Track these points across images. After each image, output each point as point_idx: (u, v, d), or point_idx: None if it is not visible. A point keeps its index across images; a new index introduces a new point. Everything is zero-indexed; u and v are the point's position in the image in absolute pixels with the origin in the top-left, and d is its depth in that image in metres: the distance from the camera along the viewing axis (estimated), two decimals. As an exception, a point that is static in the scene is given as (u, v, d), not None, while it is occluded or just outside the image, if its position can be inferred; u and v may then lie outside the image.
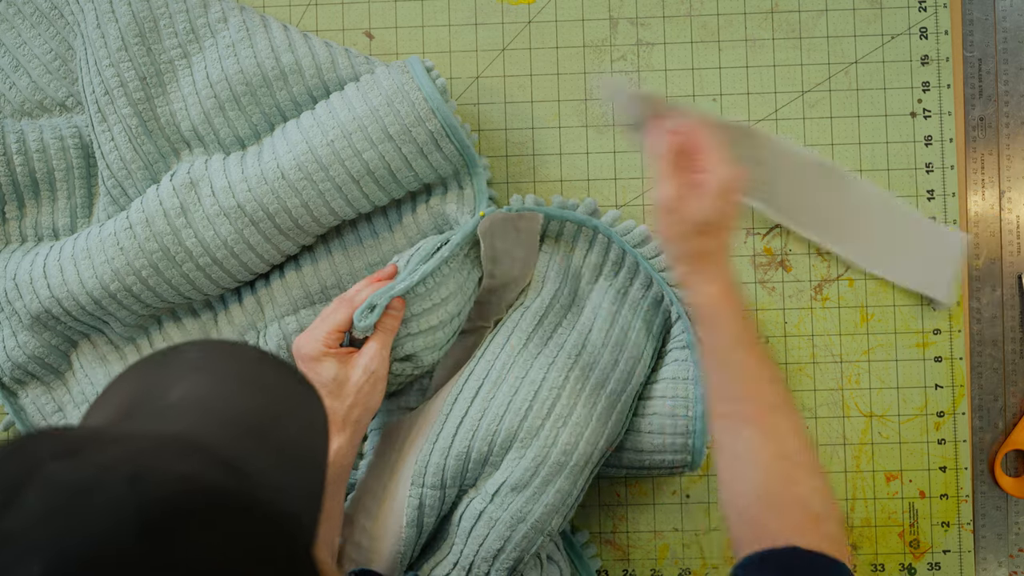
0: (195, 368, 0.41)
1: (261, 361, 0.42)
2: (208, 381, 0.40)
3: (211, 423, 0.36)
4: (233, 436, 0.36)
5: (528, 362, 0.68)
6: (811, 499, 0.53)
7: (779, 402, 0.56)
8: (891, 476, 0.76)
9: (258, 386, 0.40)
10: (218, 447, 0.35)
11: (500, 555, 0.66)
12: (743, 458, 0.55)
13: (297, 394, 0.40)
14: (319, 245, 0.74)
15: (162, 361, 0.42)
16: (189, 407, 0.38)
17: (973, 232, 0.77)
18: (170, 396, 0.39)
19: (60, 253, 0.71)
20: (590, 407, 0.68)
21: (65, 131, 0.75)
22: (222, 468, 0.33)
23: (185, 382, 0.40)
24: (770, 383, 0.56)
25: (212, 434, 0.36)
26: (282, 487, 0.35)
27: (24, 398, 0.77)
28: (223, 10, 0.71)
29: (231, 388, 0.39)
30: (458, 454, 0.68)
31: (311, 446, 0.38)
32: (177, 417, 0.37)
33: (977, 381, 0.77)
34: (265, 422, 0.38)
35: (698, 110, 0.70)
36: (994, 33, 0.77)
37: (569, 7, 0.77)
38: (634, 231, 0.71)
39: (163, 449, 0.33)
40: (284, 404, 0.40)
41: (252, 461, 0.35)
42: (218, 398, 0.38)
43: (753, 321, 0.58)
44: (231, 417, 0.37)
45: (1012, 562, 0.76)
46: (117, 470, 0.30)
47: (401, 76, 0.67)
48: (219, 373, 0.40)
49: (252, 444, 0.36)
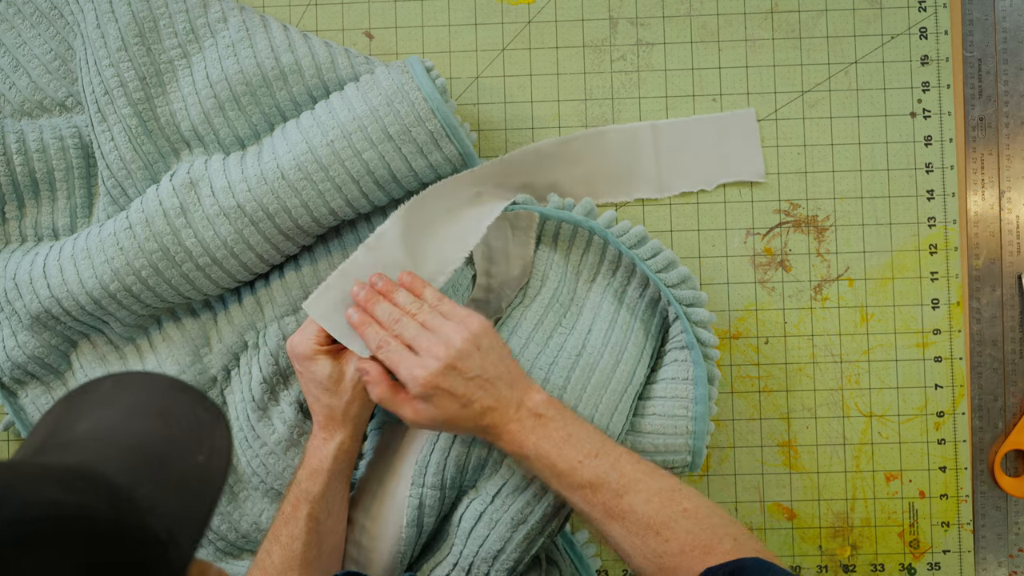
0: (104, 402, 0.43)
1: (170, 390, 0.44)
2: (114, 413, 0.42)
3: (109, 453, 0.38)
4: (129, 464, 0.38)
5: (529, 363, 0.68)
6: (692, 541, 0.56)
7: (615, 491, 0.59)
8: (891, 476, 0.76)
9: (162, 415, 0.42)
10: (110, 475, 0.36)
11: (500, 556, 0.66)
12: (623, 551, 0.59)
13: (201, 421, 0.42)
14: (319, 245, 0.74)
15: (76, 397, 0.44)
16: (92, 439, 0.40)
17: (973, 232, 0.77)
18: (76, 430, 0.41)
19: (60, 253, 0.71)
20: (591, 408, 0.68)
21: (65, 131, 0.75)
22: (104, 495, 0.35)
23: (94, 415, 0.42)
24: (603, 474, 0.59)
25: (107, 463, 0.37)
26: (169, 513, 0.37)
27: (24, 398, 0.77)
28: (223, 10, 0.71)
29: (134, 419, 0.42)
30: (458, 454, 0.68)
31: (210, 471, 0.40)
32: (79, 449, 0.39)
33: (977, 381, 0.77)
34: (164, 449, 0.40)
35: None
36: (994, 33, 0.77)
37: (569, 7, 0.77)
38: (630, 232, 0.71)
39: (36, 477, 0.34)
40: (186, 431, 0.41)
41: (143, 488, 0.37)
42: (120, 429, 0.41)
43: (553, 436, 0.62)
44: (130, 445, 0.39)
45: (1012, 562, 0.76)
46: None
47: (401, 76, 0.67)
48: (125, 405, 0.43)
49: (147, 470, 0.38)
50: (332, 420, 0.67)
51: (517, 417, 0.62)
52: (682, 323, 0.70)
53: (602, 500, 0.59)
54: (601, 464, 0.60)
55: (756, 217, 0.76)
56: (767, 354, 0.76)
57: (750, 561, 0.53)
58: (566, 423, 0.62)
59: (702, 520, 0.57)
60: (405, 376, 0.61)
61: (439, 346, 0.61)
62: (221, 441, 0.42)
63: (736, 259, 0.76)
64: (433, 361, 0.61)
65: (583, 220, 0.71)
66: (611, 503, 0.58)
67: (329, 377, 0.66)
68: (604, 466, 0.59)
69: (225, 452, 0.42)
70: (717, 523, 0.57)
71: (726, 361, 0.76)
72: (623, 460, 0.60)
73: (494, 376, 0.62)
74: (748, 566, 0.52)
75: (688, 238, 0.76)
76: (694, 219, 0.76)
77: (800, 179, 0.76)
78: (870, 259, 0.76)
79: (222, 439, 0.42)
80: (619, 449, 0.61)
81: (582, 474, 0.59)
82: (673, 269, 0.71)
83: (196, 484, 0.39)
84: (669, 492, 0.59)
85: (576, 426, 0.62)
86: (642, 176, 0.76)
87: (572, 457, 0.60)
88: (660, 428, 0.69)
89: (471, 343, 0.61)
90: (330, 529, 0.67)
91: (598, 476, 0.59)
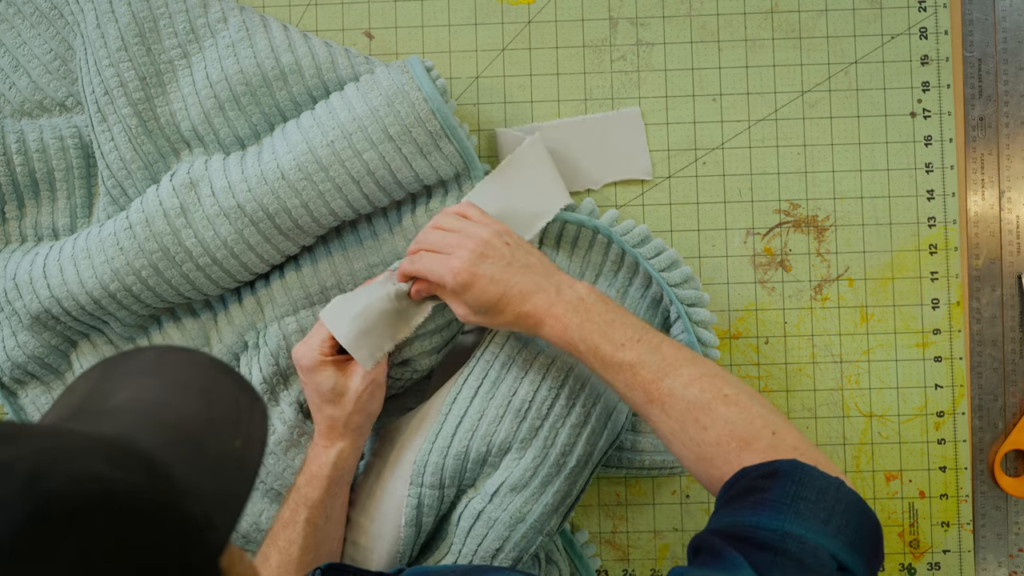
0: (145, 372, 0.42)
1: (212, 369, 0.43)
2: (155, 386, 0.41)
3: (148, 428, 0.37)
4: (168, 442, 0.37)
5: (528, 362, 0.68)
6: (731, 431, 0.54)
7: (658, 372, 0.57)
8: (891, 476, 0.76)
9: (203, 395, 0.41)
10: (148, 451, 0.35)
11: (499, 555, 0.66)
12: (664, 438, 0.58)
13: (240, 405, 0.41)
14: (319, 246, 0.74)
15: (117, 363, 0.43)
16: (131, 411, 0.39)
17: (973, 232, 0.77)
18: (115, 399, 0.40)
19: (60, 253, 0.71)
20: (589, 407, 0.68)
21: (65, 131, 0.75)
22: (143, 471, 0.34)
23: (133, 385, 0.41)
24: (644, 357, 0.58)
25: (146, 438, 0.36)
26: (206, 496, 0.36)
27: (24, 398, 0.77)
28: (223, 10, 0.71)
29: (176, 394, 0.41)
30: (457, 454, 0.68)
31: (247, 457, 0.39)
32: (118, 420, 0.38)
33: (977, 381, 0.77)
34: (204, 429, 0.39)
35: None
36: (994, 33, 0.77)
37: (569, 7, 0.77)
38: (633, 231, 0.71)
39: (82, 448, 0.33)
40: (225, 414, 0.40)
41: (181, 466, 0.36)
42: (161, 404, 0.39)
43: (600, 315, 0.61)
44: (170, 423, 0.38)
45: (1012, 562, 0.76)
46: (16, 467, 0.31)
47: (401, 76, 0.67)
48: (168, 379, 0.42)
49: (186, 450, 0.37)
50: (333, 430, 0.67)
51: (558, 301, 0.61)
52: (683, 322, 0.70)
53: (642, 383, 0.57)
54: (643, 348, 0.59)
55: (756, 217, 0.76)
56: (767, 354, 0.76)
57: (786, 464, 0.51)
58: (608, 308, 0.61)
59: (743, 408, 0.55)
60: (442, 273, 0.62)
61: (466, 239, 0.63)
62: (258, 428, 0.41)
63: (736, 259, 0.76)
64: (463, 251, 0.62)
65: (587, 220, 0.71)
66: (651, 386, 0.57)
67: (332, 389, 0.66)
68: (646, 349, 0.58)
69: (261, 439, 0.41)
70: (757, 413, 0.55)
71: (726, 361, 0.76)
72: (665, 345, 0.59)
73: (527, 264, 0.63)
74: (783, 469, 0.50)
75: (688, 238, 0.76)
76: (694, 219, 0.76)
77: (800, 179, 0.76)
78: (870, 259, 0.76)
79: (259, 426, 0.41)
80: (661, 336, 0.60)
81: (624, 356, 0.58)
82: (676, 268, 0.71)
83: (232, 469, 0.38)
84: (710, 377, 0.57)
85: (618, 312, 0.61)
86: None
87: (615, 339, 0.59)
88: (660, 428, 0.69)
89: (496, 236, 0.63)
90: (328, 534, 0.67)
91: (640, 358, 0.58)
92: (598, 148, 0.76)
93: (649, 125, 0.76)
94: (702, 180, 0.76)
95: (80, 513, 0.30)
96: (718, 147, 0.76)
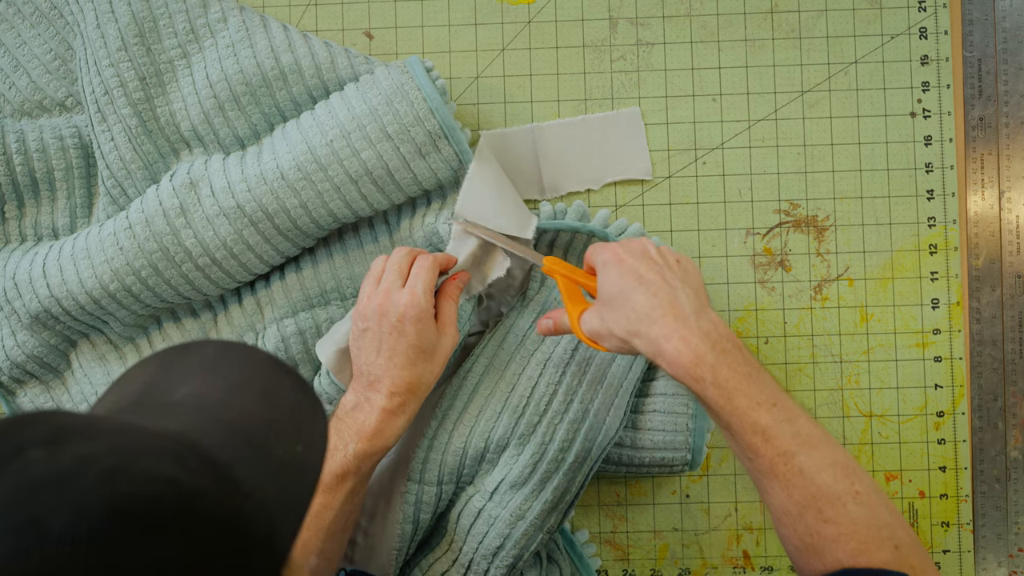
0: (206, 368, 0.40)
1: (272, 368, 0.41)
2: (217, 383, 0.39)
3: (212, 428, 0.36)
4: (231, 442, 0.36)
5: (525, 359, 0.68)
6: (853, 531, 0.50)
7: (790, 445, 0.52)
8: (891, 476, 0.76)
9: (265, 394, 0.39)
10: (212, 451, 0.34)
11: (499, 552, 0.66)
12: (773, 511, 0.54)
13: (301, 408, 0.40)
14: (320, 248, 0.74)
15: (176, 356, 0.42)
16: (193, 407, 0.37)
17: (973, 232, 0.77)
18: (177, 393, 0.38)
19: (60, 253, 0.71)
20: (587, 403, 0.68)
21: (65, 131, 0.75)
22: (211, 474, 0.33)
23: (195, 380, 0.39)
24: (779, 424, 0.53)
25: (209, 437, 0.35)
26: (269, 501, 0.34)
27: (23, 397, 0.77)
28: (223, 10, 0.71)
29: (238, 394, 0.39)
30: (455, 451, 0.68)
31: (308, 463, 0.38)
32: (179, 415, 0.37)
33: (977, 381, 0.77)
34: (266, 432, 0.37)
35: None
36: (994, 33, 0.77)
37: (569, 7, 0.77)
38: (629, 229, 0.71)
39: (153, 447, 0.32)
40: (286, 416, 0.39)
41: (244, 469, 0.34)
42: (224, 403, 0.38)
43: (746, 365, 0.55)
44: (232, 423, 0.37)
45: (1012, 562, 0.76)
46: (95, 464, 0.30)
47: (400, 76, 0.67)
48: (229, 377, 0.40)
49: (248, 453, 0.36)
50: (414, 392, 0.63)
51: (695, 328, 0.54)
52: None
53: (772, 454, 0.52)
54: (779, 414, 0.52)
55: (756, 217, 0.76)
56: (767, 354, 0.76)
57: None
58: (746, 357, 0.54)
59: (871, 510, 0.51)
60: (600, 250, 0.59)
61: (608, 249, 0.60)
62: (319, 433, 0.39)
63: (736, 259, 0.76)
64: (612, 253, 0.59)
65: (581, 226, 0.71)
66: (779, 459, 0.52)
67: (432, 343, 0.63)
68: (782, 417, 0.52)
69: (322, 445, 0.39)
70: (884, 521, 0.51)
71: (726, 361, 0.76)
72: (802, 419, 0.53)
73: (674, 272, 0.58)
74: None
75: (688, 238, 0.76)
76: (694, 219, 0.76)
77: (800, 179, 0.76)
78: (870, 259, 0.76)
79: (319, 431, 0.39)
80: (796, 405, 0.54)
81: (758, 417, 0.52)
82: None
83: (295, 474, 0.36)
84: (844, 467, 0.52)
85: (755, 365, 0.54)
86: (521, 178, 0.75)
87: (752, 395, 0.52)
88: (660, 425, 0.69)
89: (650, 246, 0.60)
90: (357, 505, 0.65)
91: (774, 425, 0.52)
92: (598, 148, 0.76)
93: (649, 125, 0.76)
94: (702, 180, 0.76)
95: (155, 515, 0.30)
96: (718, 147, 0.76)
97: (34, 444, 0.30)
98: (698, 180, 0.76)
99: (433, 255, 0.66)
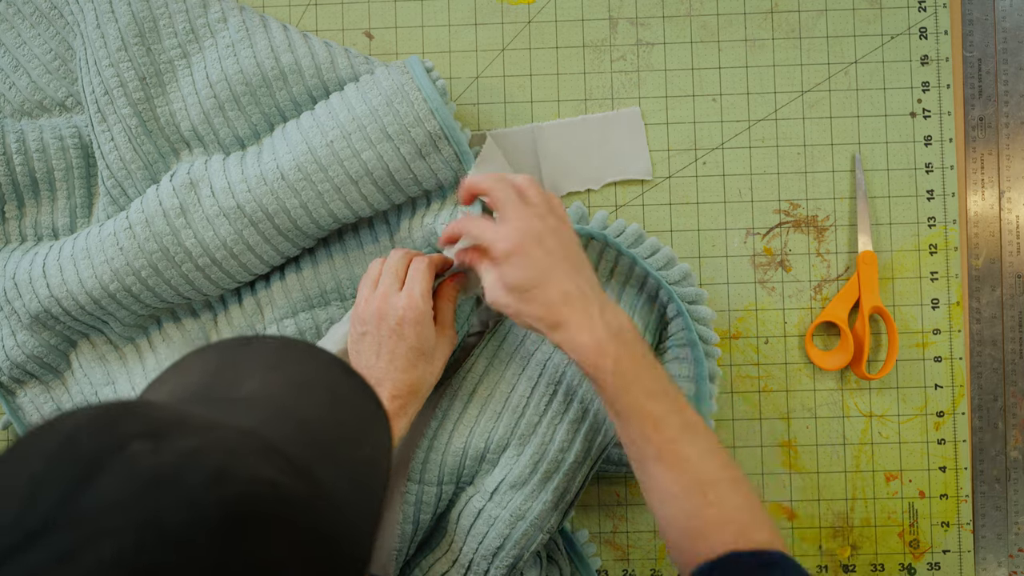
0: (270, 365, 0.39)
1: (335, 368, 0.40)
2: (283, 381, 0.38)
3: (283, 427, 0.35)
4: (304, 443, 0.35)
5: (525, 359, 0.68)
6: (734, 515, 0.54)
7: (678, 433, 0.55)
8: (891, 476, 0.76)
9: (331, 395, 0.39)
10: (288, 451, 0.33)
11: (499, 553, 0.66)
12: (657, 495, 0.56)
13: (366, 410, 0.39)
14: (320, 249, 0.74)
15: (236, 349, 0.41)
16: (262, 405, 0.36)
17: (973, 232, 0.77)
18: (243, 388, 0.37)
19: (60, 253, 0.71)
20: (587, 403, 0.68)
21: (65, 131, 0.75)
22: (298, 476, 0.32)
23: (259, 376, 0.38)
24: (669, 414, 0.56)
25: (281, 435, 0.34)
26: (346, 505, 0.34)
27: (22, 397, 0.77)
28: (223, 10, 0.71)
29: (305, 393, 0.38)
30: (455, 451, 0.68)
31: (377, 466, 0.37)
32: (248, 412, 0.36)
33: (977, 381, 0.77)
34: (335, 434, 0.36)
35: None
36: (994, 33, 0.77)
37: (569, 7, 0.77)
38: (627, 231, 0.71)
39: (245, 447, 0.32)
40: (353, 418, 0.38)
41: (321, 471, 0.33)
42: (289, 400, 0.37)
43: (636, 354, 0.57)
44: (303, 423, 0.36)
45: (1012, 562, 0.76)
46: (200, 462, 0.29)
47: (401, 76, 0.67)
48: (293, 375, 0.39)
49: (319, 454, 0.35)
50: (415, 394, 0.63)
51: (600, 321, 0.56)
52: (684, 320, 0.70)
53: (661, 440, 0.55)
54: (669, 404, 0.56)
55: (756, 217, 0.76)
56: (767, 354, 0.76)
57: (779, 556, 0.50)
58: (645, 351, 0.57)
59: (748, 497, 0.54)
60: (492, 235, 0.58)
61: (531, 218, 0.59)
62: (384, 435, 0.38)
63: (736, 259, 0.76)
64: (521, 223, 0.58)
65: (579, 228, 0.71)
66: (667, 445, 0.54)
67: (432, 345, 0.64)
68: (672, 407, 0.56)
69: (387, 449, 0.38)
70: (756, 504, 0.54)
71: (726, 361, 0.76)
72: (687, 409, 0.57)
73: (578, 268, 0.58)
74: (780, 562, 0.50)
75: (688, 238, 0.76)
76: (694, 219, 0.76)
77: (800, 179, 0.76)
78: (870, 259, 0.76)
79: (385, 434, 0.38)
80: (682, 395, 0.58)
81: (651, 406, 0.55)
82: (673, 266, 0.71)
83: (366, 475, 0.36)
84: (721, 454, 0.55)
85: (651, 359, 0.57)
86: None
87: (647, 386, 0.56)
88: (660, 428, 0.69)
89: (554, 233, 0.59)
90: None
91: (665, 414, 0.55)
92: (598, 148, 0.76)
93: (649, 125, 0.76)
94: (702, 180, 0.76)
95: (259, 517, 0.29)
96: (718, 147, 0.76)
97: (136, 437, 0.30)
98: (698, 180, 0.76)
99: (429, 257, 0.66)
